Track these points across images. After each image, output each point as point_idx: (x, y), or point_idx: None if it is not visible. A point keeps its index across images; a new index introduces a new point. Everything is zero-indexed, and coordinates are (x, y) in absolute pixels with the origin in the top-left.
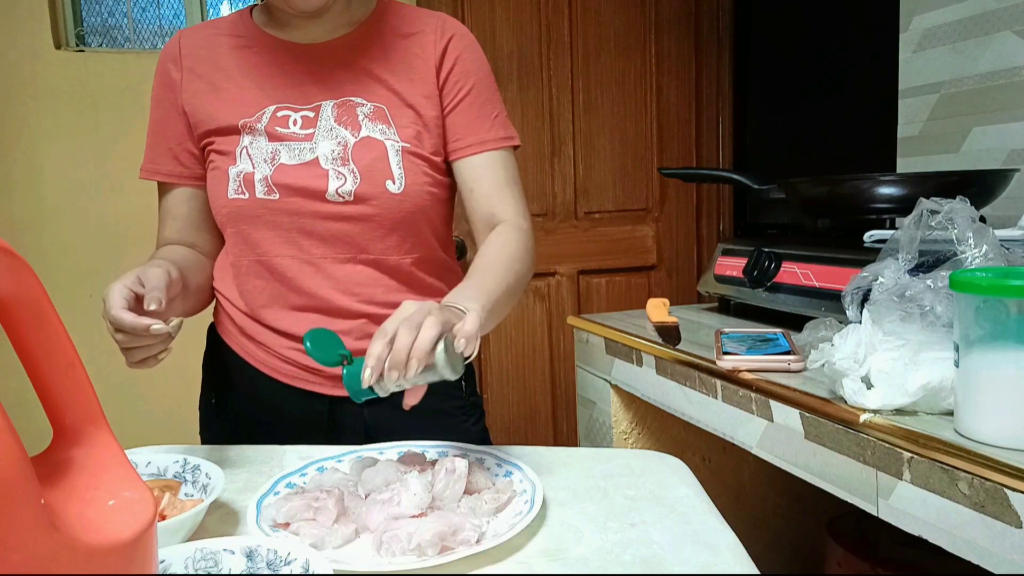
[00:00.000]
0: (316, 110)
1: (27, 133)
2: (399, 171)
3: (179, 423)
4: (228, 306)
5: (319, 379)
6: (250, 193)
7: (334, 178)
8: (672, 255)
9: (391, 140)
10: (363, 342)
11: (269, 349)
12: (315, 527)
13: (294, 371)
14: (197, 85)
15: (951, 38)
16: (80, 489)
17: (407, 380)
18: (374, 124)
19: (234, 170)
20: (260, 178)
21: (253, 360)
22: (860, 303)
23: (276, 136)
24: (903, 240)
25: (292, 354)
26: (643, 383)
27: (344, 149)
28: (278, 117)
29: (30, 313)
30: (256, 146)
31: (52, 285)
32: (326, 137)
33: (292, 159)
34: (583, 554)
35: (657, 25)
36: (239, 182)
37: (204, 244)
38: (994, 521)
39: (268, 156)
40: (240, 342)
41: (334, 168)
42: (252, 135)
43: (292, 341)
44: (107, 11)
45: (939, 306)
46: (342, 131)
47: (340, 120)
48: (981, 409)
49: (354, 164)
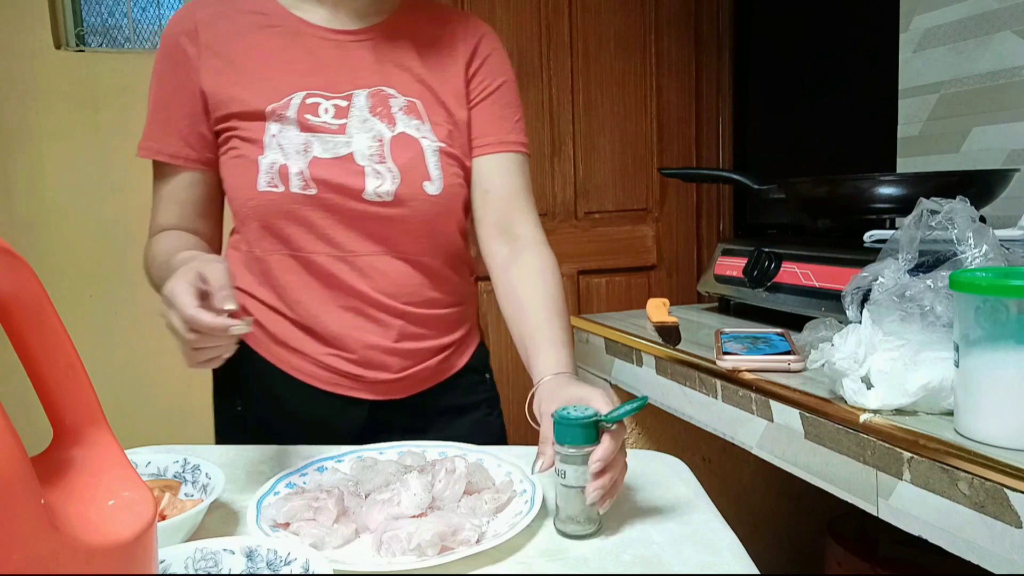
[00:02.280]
0: (348, 99)
1: (27, 133)
2: (436, 172)
3: (179, 423)
4: (254, 309)
5: (358, 384)
6: (285, 186)
7: (372, 176)
8: (672, 255)
9: (427, 139)
10: (402, 343)
11: (306, 355)
12: (315, 527)
13: (334, 377)
14: (216, 64)
15: (951, 38)
16: (80, 489)
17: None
18: (408, 119)
19: (265, 161)
20: (296, 170)
21: (287, 367)
22: (860, 303)
23: (307, 126)
24: (903, 240)
25: (330, 359)
26: (643, 383)
27: (380, 145)
28: (308, 104)
29: (30, 313)
30: (286, 135)
31: (52, 285)
32: (360, 130)
33: (326, 152)
34: (583, 554)
35: (657, 25)
36: (272, 174)
37: (205, 232)
38: (994, 521)
39: (300, 147)
40: (270, 348)
41: (371, 165)
42: (281, 123)
43: (330, 347)
44: (107, 11)
45: (939, 306)
46: (377, 123)
47: (374, 111)
48: (981, 409)
49: (392, 163)
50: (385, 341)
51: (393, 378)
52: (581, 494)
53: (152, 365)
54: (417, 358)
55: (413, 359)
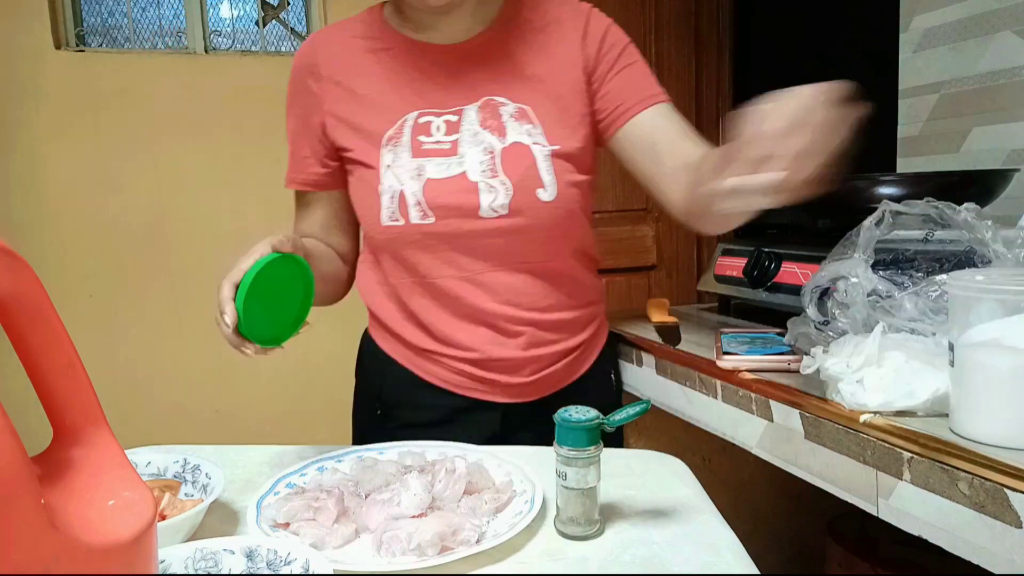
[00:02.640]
0: (459, 114)
1: (27, 133)
2: (550, 178)
3: (179, 423)
4: (388, 320)
5: (492, 389)
6: (405, 219)
7: (485, 192)
8: (672, 255)
9: (539, 144)
10: (533, 350)
11: (441, 361)
12: (315, 527)
13: (467, 382)
14: (338, 93)
15: (951, 38)
16: (80, 489)
17: None
18: (520, 125)
19: (385, 192)
20: (413, 201)
21: (423, 373)
22: (819, 300)
23: (421, 152)
24: (862, 240)
25: (465, 366)
26: (643, 383)
27: (492, 159)
28: (420, 124)
29: (30, 313)
30: (399, 162)
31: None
32: (471, 144)
33: (439, 173)
34: (583, 554)
35: (657, 26)
36: (392, 207)
37: (337, 246)
38: (994, 521)
39: (414, 172)
40: (406, 355)
41: (484, 181)
42: (395, 150)
43: (463, 356)
44: (107, 11)
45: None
46: (488, 136)
47: (485, 124)
48: (976, 409)
49: (504, 176)
50: (516, 351)
51: (524, 382)
52: (582, 495)
53: (152, 365)
54: (547, 362)
55: (543, 363)
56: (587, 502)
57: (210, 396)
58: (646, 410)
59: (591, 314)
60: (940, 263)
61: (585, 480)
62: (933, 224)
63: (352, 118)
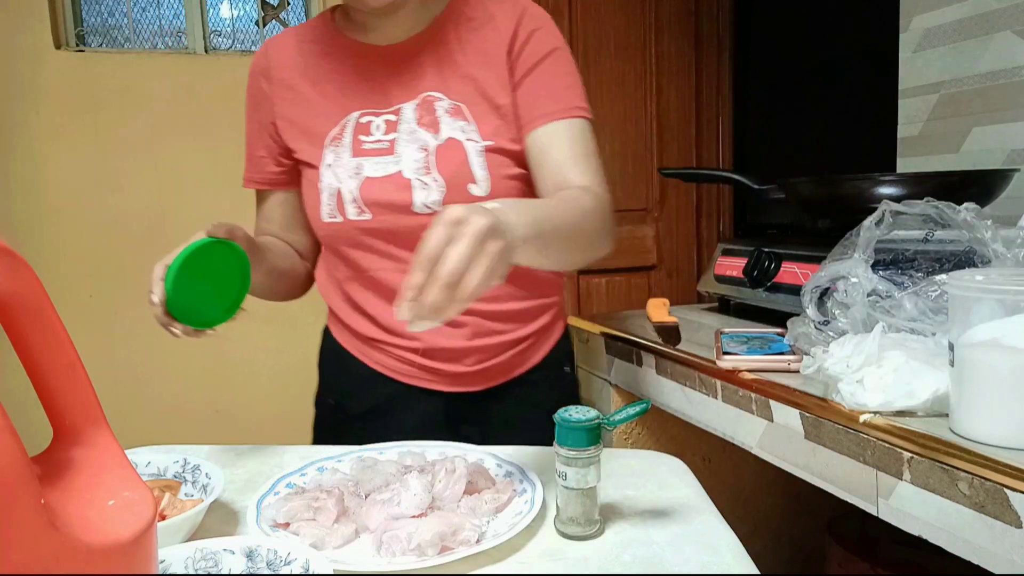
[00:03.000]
0: (397, 113)
1: (27, 133)
2: (482, 173)
3: (179, 423)
4: (340, 312)
5: (436, 377)
6: (343, 216)
7: (419, 188)
8: (672, 255)
9: (472, 140)
10: (477, 340)
11: (387, 350)
12: (315, 527)
13: (411, 370)
14: (287, 95)
15: (951, 38)
16: (80, 489)
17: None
18: (454, 121)
19: (324, 190)
20: (349, 198)
21: (371, 362)
22: (818, 300)
23: (360, 151)
24: (861, 240)
25: (409, 355)
26: (643, 383)
27: (426, 156)
28: (361, 124)
29: (30, 313)
30: (340, 163)
31: (52, 285)
32: (408, 142)
33: (377, 172)
34: (583, 554)
35: (657, 26)
36: (331, 205)
37: (297, 244)
38: (994, 521)
39: (352, 171)
40: (356, 345)
41: (417, 178)
42: (337, 149)
43: (407, 340)
44: (107, 11)
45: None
46: (423, 133)
47: (421, 121)
48: (976, 409)
49: (437, 172)
50: (460, 341)
51: (468, 371)
52: (583, 495)
53: (152, 365)
54: (492, 352)
55: (488, 353)
56: (587, 502)
57: (210, 396)
58: (646, 410)
59: (542, 306)
60: (940, 263)
61: (585, 480)
62: (933, 224)
63: (299, 119)
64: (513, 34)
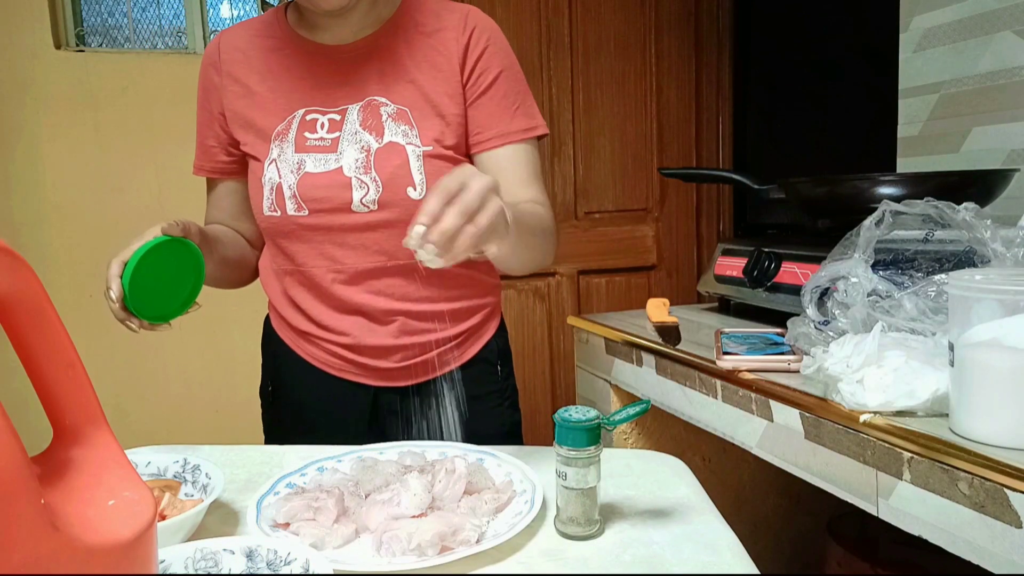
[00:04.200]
0: (342, 114)
1: (27, 133)
2: (420, 176)
3: (179, 423)
4: (277, 303)
5: (364, 372)
6: (282, 211)
7: (357, 187)
8: (672, 255)
9: (412, 144)
10: (404, 338)
11: (317, 343)
12: (315, 527)
13: (340, 364)
14: (235, 88)
15: (951, 38)
16: (80, 489)
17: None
18: (397, 126)
19: (266, 184)
20: (288, 193)
21: (304, 353)
22: (819, 300)
23: (304, 147)
24: (862, 240)
25: (338, 349)
26: (643, 383)
27: (367, 156)
28: (307, 121)
29: (30, 313)
30: (284, 157)
31: (52, 285)
32: (350, 142)
33: (317, 167)
34: (583, 554)
35: (657, 25)
36: (272, 199)
37: (246, 232)
38: (994, 521)
39: (294, 166)
40: (290, 336)
41: (356, 176)
42: (281, 144)
43: (336, 335)
44: (107, 11)
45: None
46: (366, 135)
47: (365, 124)
48: (976, 409)
49: (376, 172)
50: (387, 338)
51: (394, 367)
52: (582, 495)
53: (152, 365)
54: (419, 350)
55: (415, 351)
56: (587, 502)
57: (210, 396)
58: (646, 410)
59: (474, 307)
60: (940, 263)
61: (585, 480)
62: (933, 224)
63: (246, 113)
64: (465, 49)
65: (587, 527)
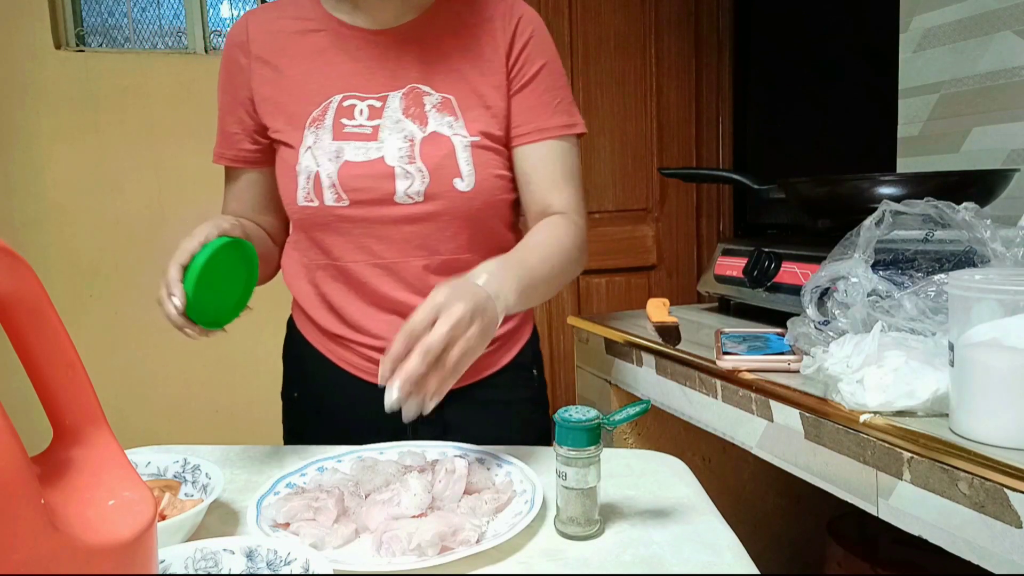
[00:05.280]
0: (383, 100)
1: (27, 133)
2: (468, 168)
3: (179, 423)
4: (305, 303)
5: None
6: (319, 201)
7: (402, 177)
8: (672, 255)
9: (459, 135)
10: None
11: (349, 347)
12: (315, 527)
13: (374, 368)
14: (265, 72)
15: (951, 38)
16: (80, 489)
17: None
18: (441, 116)
19: (301, 173)
20: (328, 183)
21: (334, 357)
22: (819, 300)
23: (342, 134)
24: (862, 240)
25: (372, 352)
26: (643, 383)
27: (411, 146)
28: (344, 107)
29: (30, 313)
30: (320, 145)
31: (52, 285)
32: (392, 131)
33: (357, 156)
34: (583, 554)
35: (657, 25)
36: (308, 188)
37: (268, 226)
38: (994, 521)
39: (332, 154)
40: (319, 339)
41: (401, 166)
42: (317, 131)
43: (371, 338)
44: (107, 11)
45: (907, 303)
46: (409, 124)
47: (407, 112)
48: (976, 409)
49: (421, 162)
50: None
51: None
52: (582, 495)
53: (152, 365)
54: None
55: None
56: (587, 502)
57: (210, 396)
58: (646, 410)
59: None
60: (940, 263)
61: (585, 480)
62: (933, 224)
63: (278, 97)
64: (511, 38)
65: (587, 527)
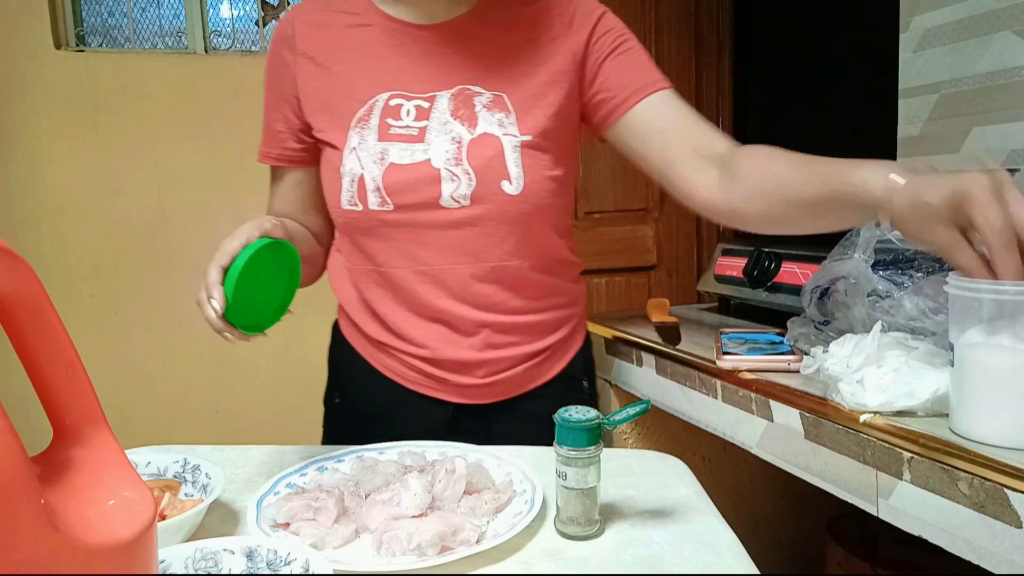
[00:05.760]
0: (430, 100)
1: (27, 133)
2: (517, 170)
3: (179, 423)
4: (349, 307)
5: (443, 387)
6: (363, 205)
7: (448, 180)
8: (672, 255)
9: (510, 135)
10: (489, 352)
11: (394, 354)
12: (315, 527)
13: (418, 377)
14: (310, 69)
15: (951, 38)
16: (80, 489)
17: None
18: (492, 114)
19: (346, 175)
20: (372, 186)
21: (377, 364)
22: (819, 299)
23: (387, 135)
24: (861, 240)
25: (416, 361)
26: (643, 383)
27: (458, 148)
28: (391, 106)
29: (30, 313)
30: (365, 147)
31: (52, 285)
32: (439, 132)
33: (403, 158)
34: (583, 554)
35: (657, 25)
36: (352, 192)
37: (313, 226)
38: (994, 521)
39: (377, 156)
40: (363, 345)
41: (447, 168)
42: (362, 131)
43: (415, 347)
44: (107, 11)
45: (907, 303)
46: (457, 126)
47: (456, 114)
48: (976, 409)
49: (468, 164)
50: (469, 352)
51: (478, 384)
52: (582, 495)
53: (152, 365)
54: (504, 365)
55: (500, 366)
56: (587, 502)
57: (210, 396)
58: (646, 410)
59: (560, 318)
60: (940, 263)
61: (585, 480)
62: None
63: (323, 96)
64: (571, 24)
65: (587, 527)
